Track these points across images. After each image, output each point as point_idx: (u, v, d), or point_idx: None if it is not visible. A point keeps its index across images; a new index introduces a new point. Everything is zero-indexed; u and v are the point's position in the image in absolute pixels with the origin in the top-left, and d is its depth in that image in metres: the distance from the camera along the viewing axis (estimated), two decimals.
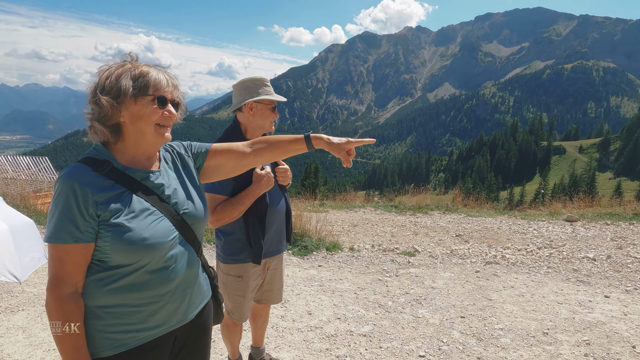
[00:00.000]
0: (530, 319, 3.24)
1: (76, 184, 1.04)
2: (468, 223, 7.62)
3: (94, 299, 1.08)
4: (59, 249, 1.04)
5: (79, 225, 1.04)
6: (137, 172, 1.16)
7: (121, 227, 1.06)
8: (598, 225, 7.02)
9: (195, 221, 1.25)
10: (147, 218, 1.11)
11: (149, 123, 1.12)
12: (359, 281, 4.26)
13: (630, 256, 5.07)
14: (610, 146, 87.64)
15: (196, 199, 1.28)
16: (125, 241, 1.06)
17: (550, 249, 5.60)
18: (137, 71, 1.11)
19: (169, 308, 1.17)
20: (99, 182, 1.08)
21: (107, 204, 1.07)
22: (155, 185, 1.18)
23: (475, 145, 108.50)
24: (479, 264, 5.05)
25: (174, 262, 1.16)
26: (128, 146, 1.16)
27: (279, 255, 2.15)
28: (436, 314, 3.35)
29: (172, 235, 1.16)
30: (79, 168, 1.08)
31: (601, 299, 3.73)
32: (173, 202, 1.20)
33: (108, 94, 1.08)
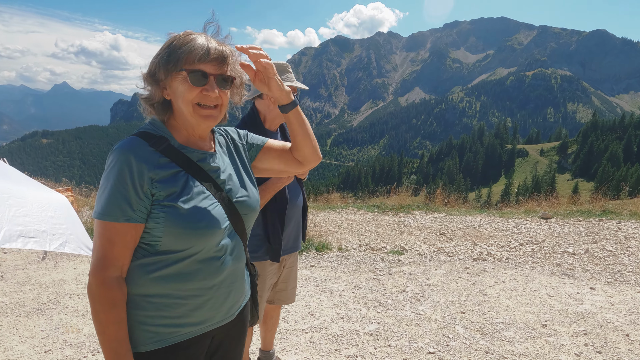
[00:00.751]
0: (527, 312, 3.31)
1: (132, 157, 0.96)
2: (450, 222, 7.77)
3: (137, 286, 0.99)
4: (109, 227, 0.95)
5: (132, 202, 0.95)
6: (194, 152, 1.07)
7: (176, 209, 0.97)
8: (571, 221, 7.36)
9: (248, 211, 1.15)
10: (202, 202, 1.02)
11: (186, 102, 1.00)
12: (354, 280, 4.21)
13: (606, 250, 5.34)
14: (568, 149, 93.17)
15: (250, 188, 1.18)
16: (180, 224, 0.97)
17: (532, 244, 5.80)
18: (179, 42, 0.99)
19: (213, 303, 1.08)
20: (155, 158, 0.99)
21: (163, 182, 0.98)
22: (211, 168, 1.09)
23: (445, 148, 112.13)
24: (466, 260, 5.14)
25: (224, 253, 1.07)
26: (179, 123, 1.07)
27: (295, 253, 2.07)
28: (437, 310, 3.35)
29: (225, 223, 1.07)
30: (135, 141, 1.00)
31: (587, 290, 3.88)
32: (227, 189, 1.11)
33: (148, 72, 1.02)
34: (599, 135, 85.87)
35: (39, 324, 2.99)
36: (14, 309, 3.24)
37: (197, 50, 0.97)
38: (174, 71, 0.98)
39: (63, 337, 2.80)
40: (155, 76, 1.00)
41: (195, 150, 1.07)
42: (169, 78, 0.99)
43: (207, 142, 1.13)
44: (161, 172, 0.98)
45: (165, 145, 1.02)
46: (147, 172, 0.96)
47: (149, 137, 1.01)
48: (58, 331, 2.88)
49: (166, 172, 0.99)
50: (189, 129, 1.07)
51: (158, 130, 1.05)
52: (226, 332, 1.17)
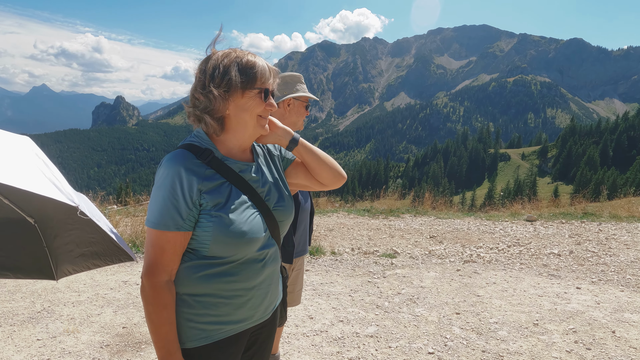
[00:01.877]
0: (519, 312, 3.43)
1: (182, 170, 1.02)
2: (439, 225, 7.93)
3: (185, 286, 1.07)
4: (161, 235, 1.02)
5: (182, 212, 1.02)
6: (236, 164, 1.13)
7: (223, 219, 1.04)
8: (555, 224, 7.62)
9: (284, 218, 1.23)
10: (245, 211, 1.09)
11: (253, 115, 1.10)
12: (350, 284, 4.26)
13: (589, 251, 5.56)
14: (548, 153, 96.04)
15: (286, 197, 1.25)
16: (227, 233, 1.04)
17: (519, 246, 5.99)
18: (244, 61, 1.07)
19: (254, 303, 1.16)
20: (202, 170, 1.06)
21: (210, 193, 1.05)
22: (251, 179, 1.15)
23: (430, 152, 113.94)
24: (457, 263, 5.26)
25: (264, 257, 1.15)
26: (229, 137, 1.13)
27: (304, 256, 2.12)
28: (433, 311, 3.43)
29: (264, 231, 1.14)
30: (184, 154, 1.06)
31: (574, 290, 4.04)
32: (266, 198, 1.18)
33: (219, 86, 1.05)
34: (577, 140, 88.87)
35: (35, 333, 2.93)
36: (7, 318, 3.17)
37: (265, 70, 1.09)
38: (248, 89, 1.06)
39: (61, 346, 2.76)
40: (229, 92, 1.05)
41: (237, 162, 1.13)
42: (238, 94, 1.06)
43: (247, 154, 1.20)
44: (208, 184, 1.05)
45: (210, 158, 1.07)
46: (196, 184, 1.02)
47: (196, 149, 1.08)
48: (55, 340, 2.83)
49: (212, 183, 1.06)
50: (240, 141, 1.14)
51: (203, 142, 1.11)
52: (261, 329, 1.25)
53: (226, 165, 1.10)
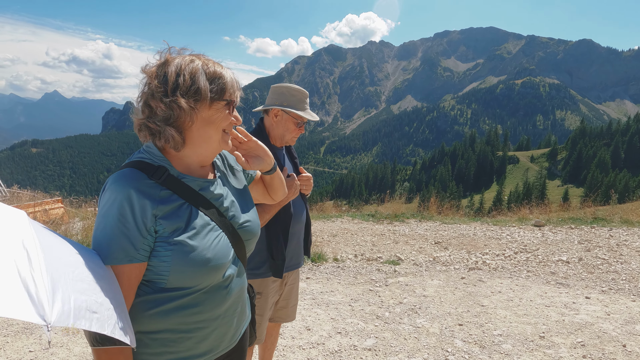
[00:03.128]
0: (525, 323, 3.30)
1: (133, 193, 0.90)
2: (444, 230, 7.79)
3: (140, 324, 0.94)
4: (111, 270, 0.90)
5: (135, 242, 0.90)
6: (196, 181, 1.03)
7: (183, 247, 0.93)
8: (564, 229, 7.43)
9: (251, 236, 1.14)
10: (208, 235, 0.99)
11: (219, 129, 1.01)
12: (351, 292, 4.17)
13: (599, 258, 5.39)
14: (557, 156, 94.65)
15: (252, 213, 1.17)
16: (188, 262, 0.93)
17: (526, 253, 5.83)
18: (210, 70, 0.97)
19: (219, 332, 1.05)
20: (157, 192, 0.94)
21: (167, 218, 0.94)
22: (214, 197, 1.05)
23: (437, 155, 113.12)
24: (462, 270, 5.14)
25: (229, 282, 1.06)
26: (187, 153, 1.01)
27: (297, 270, 2.04)
28: (434, 322, 3.33)
29: (230, 253, 1.05)
30: (132, 174, 0.93)
31: (583, 300, 3.89)
32: (231, 216, 1.08)
33: (186, 95, 0.93)
34: (588, 142, 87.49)
35: (28, 344, 2.90)
36: (2, 329, 3.14)
37: (233, 81, 1.01)
38: (216, 100, 0.97)
39: (53, 358, 2.72)
40: (198, 103, 0.95)
41: (197, 179, 1.03)
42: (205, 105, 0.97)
43: (207, 169, 1.10)
44: (164, 207, 0.94)
45: (165, 176, 0.96)
46: (150, 208, 0.91)
47: (146, 167, 0.96)
48: (47, 352, 2.79)
49: (169, 206, 0.95)
50: (201, 156, 1.04)
51: (155, 159, 0.99)
52: (229, 357, 1.15)
53: (184, 183, 0.99)
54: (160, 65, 0.96)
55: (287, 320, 2.09)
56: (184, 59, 0.97)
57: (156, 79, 0.95)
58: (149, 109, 0.95)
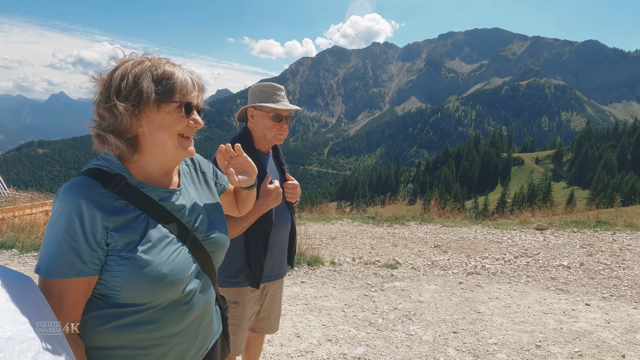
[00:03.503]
0: (521, 331, 3.21)
1: (83, 203, 0.85)
2: (445, 233, 7.70)
3: (93, 340, 0.89)
4: (57, 284, 0.85)
5: (83, 255, 0.85)
6: (155, 191, 0.97)
7: (136, 261, 0.88)
8: (566, 233, 7.31)
9: (217, 248, 1.08)
10: (165, 249, 0.93)
11: (172, 134, 0.94)
12: (345, 297, 4.10)
13: (601, 263, 5.27)
14: (563, 157, 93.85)
15: (219, 223, 1.10)
16: (141, 278, 0.88)
17: (527, 257, 5.73)
18: (159, 71, 0.91)
19: (180, 349, 0.99)
20: (110, 202, 0.89)
21: (120, 230, 0.88)
22: (175, 207, 0.99)
23: (441, 157, 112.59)
24: (460, 274, 5.05)
25: (191, 297, 0.99)
26: (145, 160, 0.96)
27: (280, 280, 1.95)
28: (428, 330, 3.25)
29: (192, 267, 0.98)
30: (85, 183, 0.88)
31: (583, 307, 3.79)
32: (194, 228, 1.02)
33: (126, 100, 0.88)
34: (594, 144, 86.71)
35: None
36: None
37: (185, 82, 0.94)
38: (164, 102, 0.91)
39: None
40: (139, 107, 0.89)
41: (157, 189, 0.97)
42: (152, 109, 0.90)
43: (171, 177, 1.04)
44: (118, 219, 0.88)
45: (122, 185, 0.91)
46: (100, 219, 0.86)
47: (102, 175, 0.90)
48: None
49: (124, 217, 0.89)
50: (160, 163, 0.98)
51: (113, 166, 0.93)
52: None
53: (142, 193, 0.93)
54: (111, 71, 0.92)
55: (269, 331, 2.02)
56: (134, 62, 0.92)
57: (103, 85, 0.90)
58: (98, 116, 0.91)
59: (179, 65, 0.97)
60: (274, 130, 1.77)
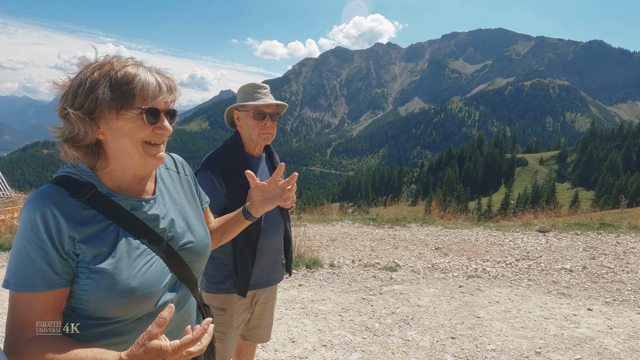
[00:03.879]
0: (521, 337, 3.15)
1: (48, 212, 0.81)
2: (446, 235, 7.63)
3: None
4: (27, 298, 0.81)
5: (55, 265, 0.81)
6: (127, 200, 0.92)
7: (104, 275, 0.83)
8: (569, 235, 7.21)
9: (196, 258, 1.03)
10: (136, 261, 0.88)
11: (135, 141, 0.88)
12: (343, 301, 4.05)
13: (604, 266, 5.19)
14: (567, 158, 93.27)
15: (197, 231, 1.05)
16: (109, 293, 0.84)
17: (528, 260, 5.65)
18: (119, 75, 0.85)
19: None
20: (77, 211, 0.84)
21: (88, 242, 0.84)
22: (148, 217, 0.94)
23: (445, 158, 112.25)
24: (461, 278, 4.98)
25: None
26: (114, 168, 0.92)
27: (271, 287, 1.88)
28: (426, 335, 3.19)
29: (165, 279, 0.93)
30: (51, 192, 0.84)
31: (585, 312, 3.72)
32: (169, 237, 0.97)
33: (80, 108, 0.83)
34: (598, 144, 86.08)
35: None
36: None
37: (149, 83, 0.87)
38: (123, 109, 0.85)
39: None
40: (93, 114, 0.84)
41: (128, 198, 0.92)
42: (111, 115, 0.85)
43: (145, 185, 0.98)
44: (85, 230, 0.84)
45: (91, 193, 0.86)
46: (66, 230, 0.82)
47: (71, 183, 0.86)
48: None
49: (91, 228, 0.85)
50: (129, 171, 0.93)
51: (83, 174, 0.89)
52: None
53: (113, 202, 0.89)
54: (74, 77, 0.87)
55: (260, 340, 1.95)
56: (94, 66, 0.86)
57: (63, 92, 0.86)
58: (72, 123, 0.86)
59: (145, 66, 0.90)
60: (258, 129, 1.69)
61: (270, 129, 1.71)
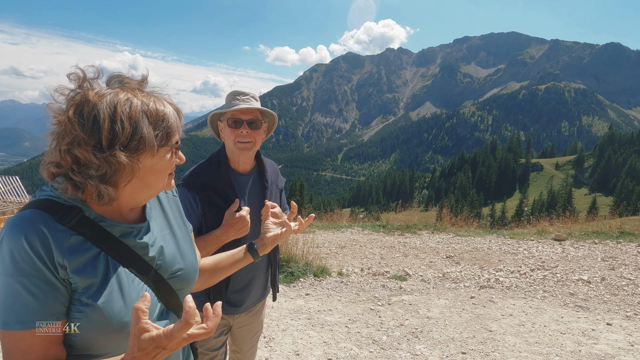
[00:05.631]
0: (535, 354, 3.01)
1: (36, 238, 0.73)
2: (457, 243, 7.46)
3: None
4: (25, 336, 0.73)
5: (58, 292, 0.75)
6: (117, 226, 0.86)
7: (96, 308, 0.77)
8: (586, 244, 6.97)
9: (185, 285, 0.98)
10: (128, 293, 0.83)
11: (164, 176, 0.88)
12: (350, 311, 3.97)
13: (624, 278, 4.97)
14: (584, 163, 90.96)
15: (187, 256, 1.00)
16: (102, 327, 0.77)
17: (544, 270, 5.46)
18: (152, 110, 0.81)
19: None
20: (65, 237, 0.76)
21: (79, 272, 0.77)
22: (137, 245, 0.88)
23: (457, 163, 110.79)
24: (473, 288, 4.84)
25: None
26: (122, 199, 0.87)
27: (250, 311, 1.72)
28: (435, 349, 3.08)
29: (155, 310, 0.89)
30: (34, 217, 0.75)
31: (604, 326, 3.55)
32: (157, 265, 0.92)
33: (126, 148, 0.77)
34: (617, 149, 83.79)
35: None
36: None
37: (175, 119, 0.86)
38: (162, 146, 0.83)
39: None
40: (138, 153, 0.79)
41: (118, 224, 0.86)
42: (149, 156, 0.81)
43: (135, 212, 0.93)
44: (74, 259, 0.76)
45: (78, 219, 0.79)
46: (56, 257, 0.75)
47: (55, 207, 0.78)
48: None
49: (81, 257, 0.78)
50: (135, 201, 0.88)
51: (67, 198, 0.81)
52: None
53: (102, 228, 0.82)
54: (79, 104, 0.77)
55: None
56: (116, 96, 0.78)
57: (80, 126, 0.75)
58: (75, 159, 0.76)
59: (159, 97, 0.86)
60: (234, 137, 1.53)
61: (247, 137, 1.53)
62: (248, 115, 1.54)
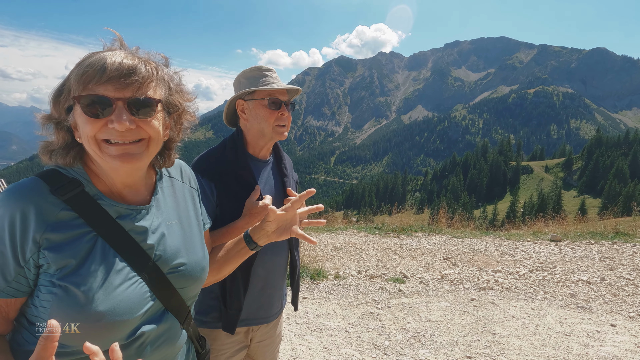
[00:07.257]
0: (542, 357, 2.93)
1: (18, 213, 0.70)
2: (454, 245, 7.40)
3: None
4: None
5: (7, 272, 0.70)
6: (115, 206, 0.78)
7: (68, 292, 0.69)
8: (582, 244, 6.96)
9: (188, 284, 0.86)
10: (110, 280, 0.72)
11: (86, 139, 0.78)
12: (349, 315, 3.84)
13: (624, 278, 4.94)
14: (573, 166, 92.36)
15: (194, 252, 0.89)
16: (71, 315, 0.68)
17: (542, 271, 5.41)
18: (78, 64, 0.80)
19: None
20: (54, 211, 0.72)
21: (55, 250, 0.70)
22: (135, 228, 0.79)
23: (449, 166, 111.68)
24: (472, 290, 4.76)
25: (143, 341, 0.77)
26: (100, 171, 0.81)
27: (273, 323, 1.51)
28: (439, 354, 2.98)
29: (145, 307, 0.77)
30: (34, 185, 0.73)
31: (608, 328, 3.49)
32: (157, 255, 0.81)
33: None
34: (604, 152, 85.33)
35: None
36: None
37: (91, 67, 0.69)
38: (67, 102, 0.73)
39: None
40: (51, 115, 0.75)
41: (117, 204, 0.78)
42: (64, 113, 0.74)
43: (140, 193, 0.84)
44: (55, 235, 0.70)
45: (74, 193, 0.73)
46: (32, 231, 0.69)
47: (56, 178, 0.74)
48: None
49: (64, 234, 0.71)
50: (108, 178, 0.78)
51: (72, 170, 0.77)
52: None
53: (98, 206, 0.75)
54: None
55: None
56: None
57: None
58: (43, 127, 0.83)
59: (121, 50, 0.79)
60: (271, 120, 1.34)
61: (287, 121, 1.38)
62: (285, 96, 1.38)
